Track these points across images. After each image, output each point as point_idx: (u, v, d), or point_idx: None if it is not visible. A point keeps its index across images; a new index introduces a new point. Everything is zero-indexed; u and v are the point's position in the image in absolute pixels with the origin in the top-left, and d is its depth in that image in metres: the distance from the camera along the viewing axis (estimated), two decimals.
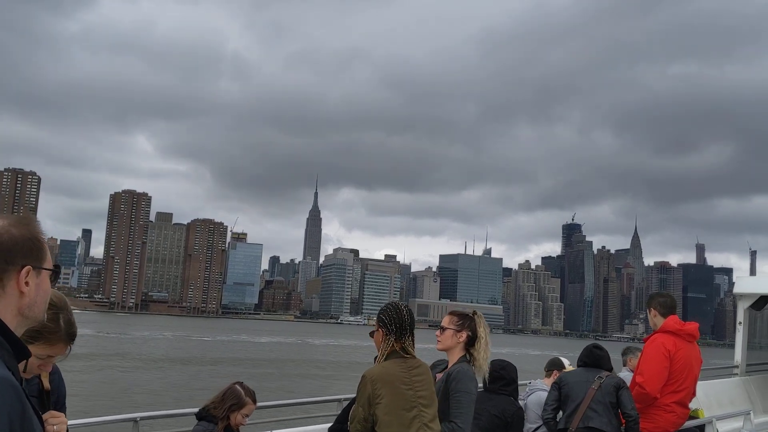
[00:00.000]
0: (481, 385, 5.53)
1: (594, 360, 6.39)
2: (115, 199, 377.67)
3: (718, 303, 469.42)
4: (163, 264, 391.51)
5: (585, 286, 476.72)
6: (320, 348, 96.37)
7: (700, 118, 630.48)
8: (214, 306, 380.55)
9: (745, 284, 10.78)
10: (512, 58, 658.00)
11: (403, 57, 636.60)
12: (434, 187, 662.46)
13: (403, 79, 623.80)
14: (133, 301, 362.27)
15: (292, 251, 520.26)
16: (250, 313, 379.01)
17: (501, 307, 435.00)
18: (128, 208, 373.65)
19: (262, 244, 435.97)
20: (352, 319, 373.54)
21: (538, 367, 7.80)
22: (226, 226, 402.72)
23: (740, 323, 10.77)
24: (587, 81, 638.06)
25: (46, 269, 1.84)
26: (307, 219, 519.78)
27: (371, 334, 4.55)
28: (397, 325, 4.40)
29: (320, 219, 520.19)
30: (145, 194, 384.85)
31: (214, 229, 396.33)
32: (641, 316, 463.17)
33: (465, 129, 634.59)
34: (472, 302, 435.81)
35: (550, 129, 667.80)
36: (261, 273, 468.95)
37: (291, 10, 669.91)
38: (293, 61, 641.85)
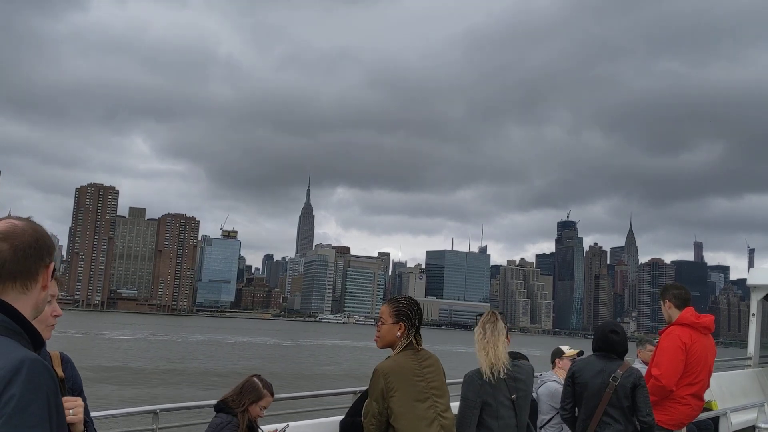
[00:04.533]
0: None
1: (609, 345, 6.15)
2: (81, 192, 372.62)
3: (712, 301, 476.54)
4: (135, 260, 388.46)
5: (575, 284, 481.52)
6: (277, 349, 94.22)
7: (687, 116, 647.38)
8: (185, 304, 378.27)
9: (759, 275, 11.07)
10: (496, 58, 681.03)
11: (391, 57, 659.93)
12: (429, 186, 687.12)
13: (392, 79, 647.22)
14: (98, 298, 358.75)
15: (289, 250, 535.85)
16: (224, 311, 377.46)
17: (489, 304, 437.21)
18: (94, 202, 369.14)
19: (240, 241, 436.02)
20: (331, 317, 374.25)
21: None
22: (198, 221, 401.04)
23: (753, 315, 11.07)
24: (573, 81, 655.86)
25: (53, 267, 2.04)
26: (300, 217, 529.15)
27: (378, 327, 4.64)
28: (419, 320, 4.64)
29: (313, 217, 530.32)
30: (112, 188, 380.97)
31: (186, 224, 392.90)
32: (633, 314, 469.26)
33: (456, 129, 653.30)
34: (458, 299, 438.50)
35: (539, 129, 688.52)
36: (252, 270, 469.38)
37: (279, 13, 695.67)
38: (284, 62, 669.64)
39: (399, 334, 4.54)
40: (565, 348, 8.19)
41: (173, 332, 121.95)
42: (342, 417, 5.48)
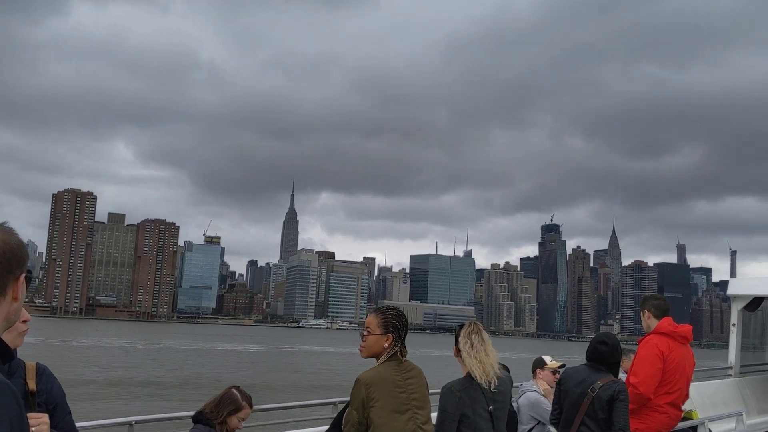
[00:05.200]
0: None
1: (597, 356, 6.21)
2: (58, 198, 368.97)
3: (694, 303, 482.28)
4: (114, 267, 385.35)
5: (558, 287, 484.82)
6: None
7: (668, 119, 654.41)
8: (165, 310, 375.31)
9: (739, 286, 11.24)
10: (478, 63, 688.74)
11: (374, 62, 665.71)
12: (413, 190, 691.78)
13: (375, 84, 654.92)
14: (77, 305, 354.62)
15: (274, 255, 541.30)
16: (205, 317, 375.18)
17: (473, 308, 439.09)
18: (71, 207, 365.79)
19: (221, 247, 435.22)
20: (314, 322, 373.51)
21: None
22: (178, 227, 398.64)
23: (734, 324, 11.26)
24: (554, 85, 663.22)
25: (28, 276, 2.01)
26: (284, 222, 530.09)
27: (363, 337, 4.65)
28: (405, 331, 4.69)
29: (297, 222, 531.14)
30: (89, 193, 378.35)
31: (165, 229, 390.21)
32: (617, 317, 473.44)
33: (439, 133, 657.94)
34: (443, 303, 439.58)
35: (522, 133, 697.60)
36: (236, 276, 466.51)
37: (261, 18, 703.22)
38: (267, 67, 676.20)
39: (386, 345, 4.57)
40: (547, 359, 8.25)
41: (140, 339, 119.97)
42: (324, 428, 5.51)
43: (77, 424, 5.51)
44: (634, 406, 6.43)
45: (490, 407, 5.11)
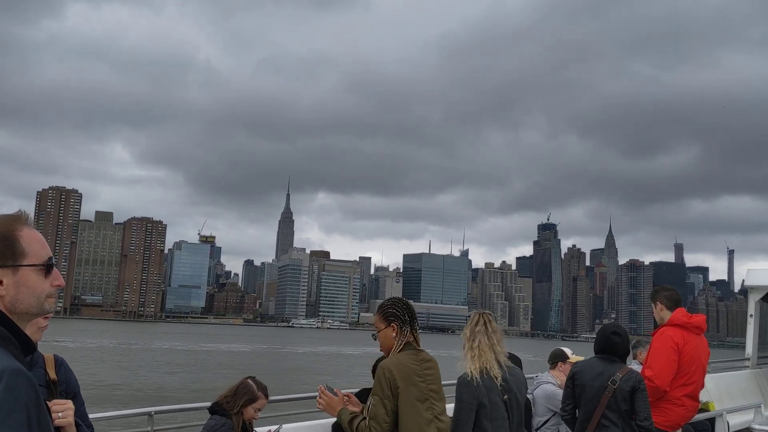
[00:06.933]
0: None
1: (610, 347, 6.17)
2: (42, 196, 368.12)
3: (690, 302, 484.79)
4: (101, 266, 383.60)
5: (553, 286, 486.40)
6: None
7: (661, 119, 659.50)
8: (152, 309, 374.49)
9: (757, 276, 11.21)
10: (471, 63, 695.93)
11: (368, 62, 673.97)
12: (409, 190, 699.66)
13: (369, 83, 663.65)
14: (60, 305, 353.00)
15: (270, 255, 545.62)
16: (194, 317, 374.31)
17: (467, 307, 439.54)
18: (56, 205, 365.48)
19: (211, 245, 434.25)
20: (304, 322, 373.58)
21: None
22: (165, 225, 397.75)
23: (751, 316, 11.24)
24: (547, 84, 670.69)
25: (23, 266, 1.94)
26: (279, 221, 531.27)
27: (375, 337, 4.78)
28: (410, 315, 4.73)
29: (292, 222, 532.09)
30: (74, 191, 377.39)
31: (152, 228, 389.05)
32: (612, 316, 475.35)
33: (434, 133, 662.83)
34: (436, 303, 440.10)
35: (516, 133, 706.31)
36: (231, 276, 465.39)
37: (255, 19, 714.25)
38: (262, 67, 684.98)
39: (394, 334, 4.64)
40: (568, 351, 8.16)
41: (128, 339, 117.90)
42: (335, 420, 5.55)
43: (97, 415, 5.60)
44: (650, 399, 6.35)
45: (505, 396, 5.13)
